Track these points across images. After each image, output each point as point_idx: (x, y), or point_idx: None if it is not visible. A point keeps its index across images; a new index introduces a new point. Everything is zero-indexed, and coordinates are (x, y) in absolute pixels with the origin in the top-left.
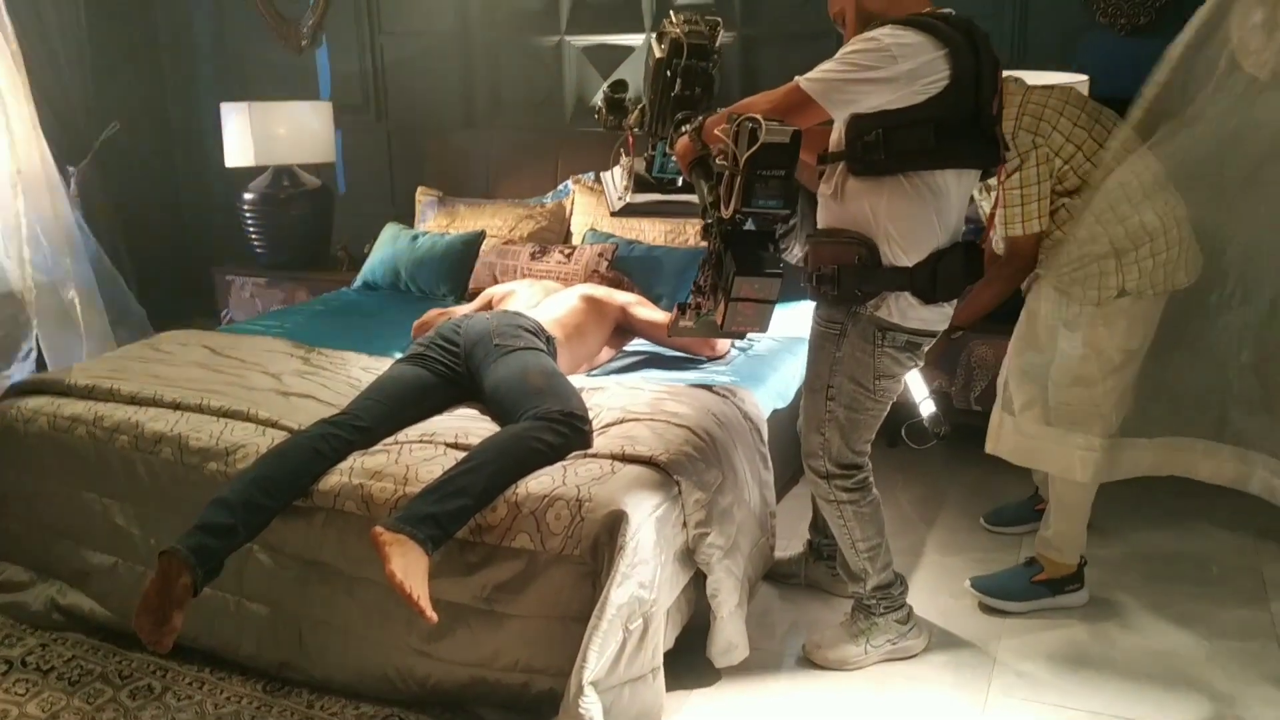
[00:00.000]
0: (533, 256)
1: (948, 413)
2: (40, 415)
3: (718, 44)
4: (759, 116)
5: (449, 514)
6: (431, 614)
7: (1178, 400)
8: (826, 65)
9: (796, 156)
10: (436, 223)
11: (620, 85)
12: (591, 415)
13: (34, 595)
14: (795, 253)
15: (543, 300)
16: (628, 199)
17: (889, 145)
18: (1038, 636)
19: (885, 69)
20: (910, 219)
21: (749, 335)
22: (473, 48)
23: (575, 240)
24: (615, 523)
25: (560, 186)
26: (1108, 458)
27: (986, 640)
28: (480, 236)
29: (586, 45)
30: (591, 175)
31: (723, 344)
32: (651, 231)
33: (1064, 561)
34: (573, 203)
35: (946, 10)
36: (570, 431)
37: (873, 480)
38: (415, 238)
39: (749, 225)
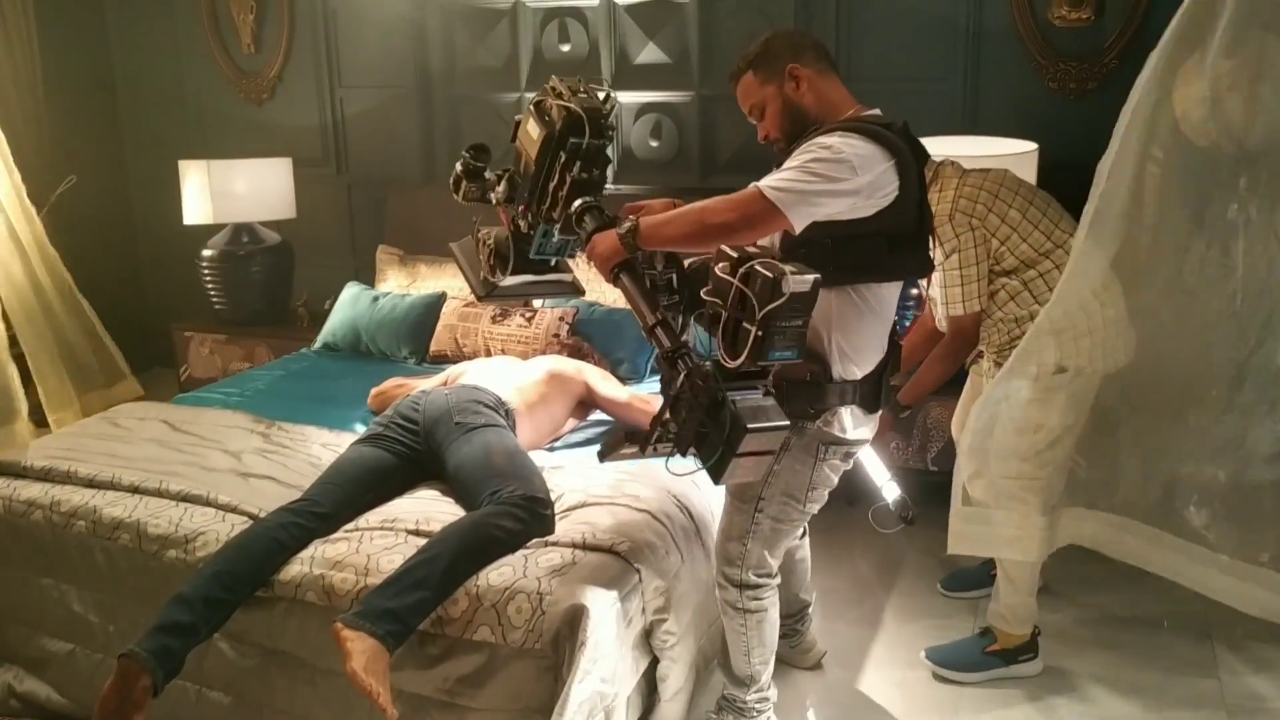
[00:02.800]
0: (493, 320)
1: (913, 493)
2: None
3: (612, 118)
4: (776, 262)
5: (408, 608)
6: (393, 710)
7: (1124, 479)
8: (788, 174)
9: (815, 302)
10: (397, 282)
11: (482, 151)
12: (553, 496)
13: None
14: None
15: (503, 371)
16: (499, 280)
17: (838, 257)
18: (992, 708)
19: (848, 180)
20: (860, 333)
21: None
22: (433, 103)
23: (536, 302)
24: (576, 617)
25: None
26: (1049, 532)
27: (943, 712)
28: (441, 299)
29: None
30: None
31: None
32: (612, 293)
33: (1015, 633)
34: None
35: (875, 111)
36: (530, 517)
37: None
38: (376, 299)
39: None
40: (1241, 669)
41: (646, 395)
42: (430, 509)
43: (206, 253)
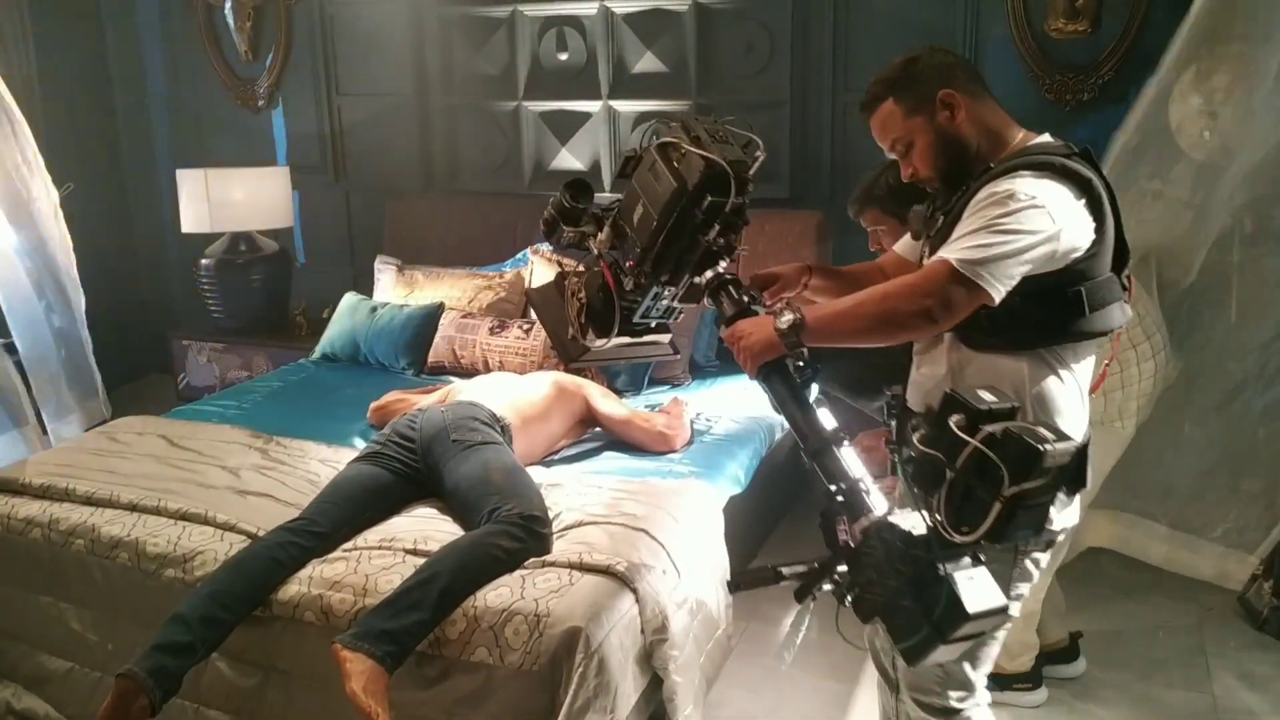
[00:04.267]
0: (491, 332)
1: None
2: None
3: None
4: (1031, 425)
5: (405, 630)
6: (369, 710)
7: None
8: (977, 239)
9: (1071, 471)
10: (395, 292)
11: (583, 191)
12: (551, 514)
13: None
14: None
15: (500, 386)
16: (591, 344)
17: (1030, 316)
18: None
19: (1045, 230)
20: (1059, 399)
21: (706, 417)
22: (430, 111)
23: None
24: (574, 638)
25: (519, 254)
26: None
27: None
28: (439, 309)
29: (544, 111)
30: (544, 242)
31: (678, 439)
32: None
33: (1010, 668)
34: (531, 273)
35: (1045, 137)
36: (528, 536)
37: None
38: (374, 309)
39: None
40: (1234, 683)
41: (646, 413)
42: (428, 528)
43: (204, 261)
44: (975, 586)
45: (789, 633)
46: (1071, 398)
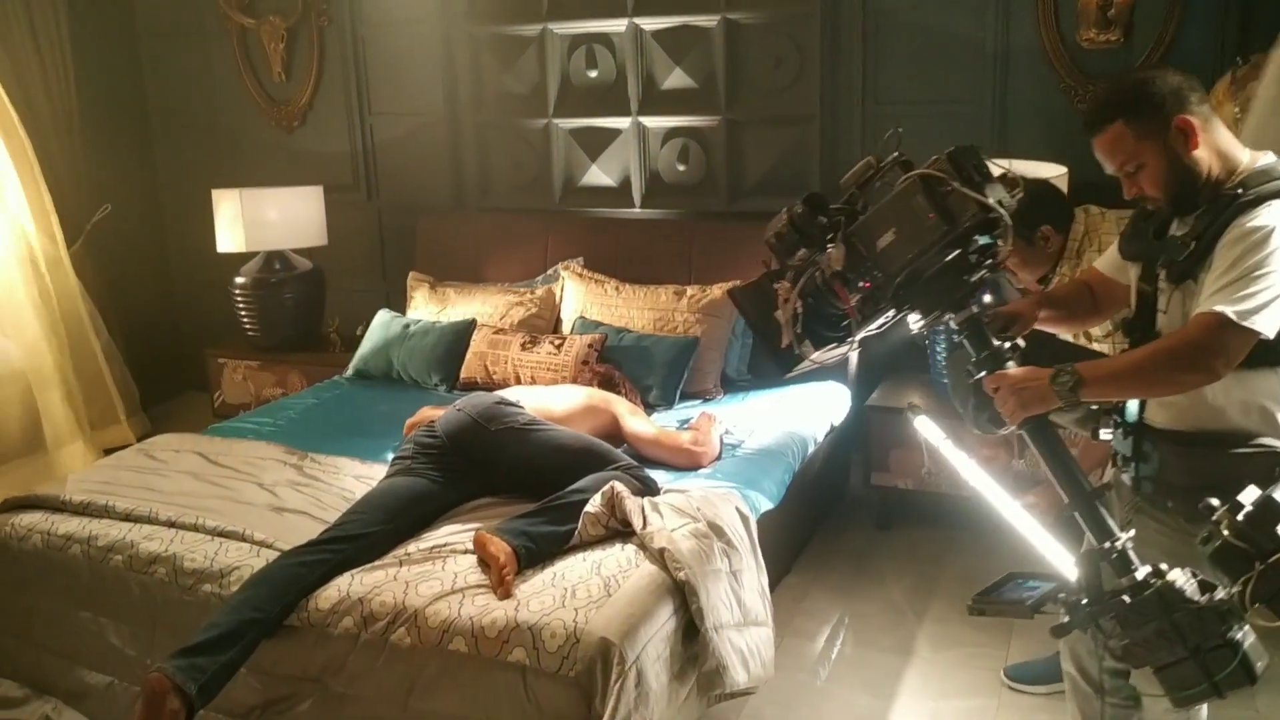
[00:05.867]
0: (523, 347)
1: (944, 519)
2: (34, 533)
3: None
4: None
5: (543, 536)
6: (509, 590)
7: None
8: (1244, 286)
9: None
10: (428, 309)
11: (821, 207)
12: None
13: (29, 712)
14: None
15: (531, 395)
16: (807, 353)
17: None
18: None
19: None
20: None
21: (734, 432)
22: (461, 129)
23: (565, 327)
24: (608, 652)
25: (550, 270)
26: None
27: None
28: (471, 325)
29: (574, 127)
30: (581, 260)
31: (706, 455)
32: (640, 320)
33: None
34: (562, 288)
35: (1269, 158)
36: (646, 485)
37: None
38: (407, 326)
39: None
40: None
41: (673, 431)
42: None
43: (239, 280)
44: (1255, 650)
45: (824, 647)
46: None
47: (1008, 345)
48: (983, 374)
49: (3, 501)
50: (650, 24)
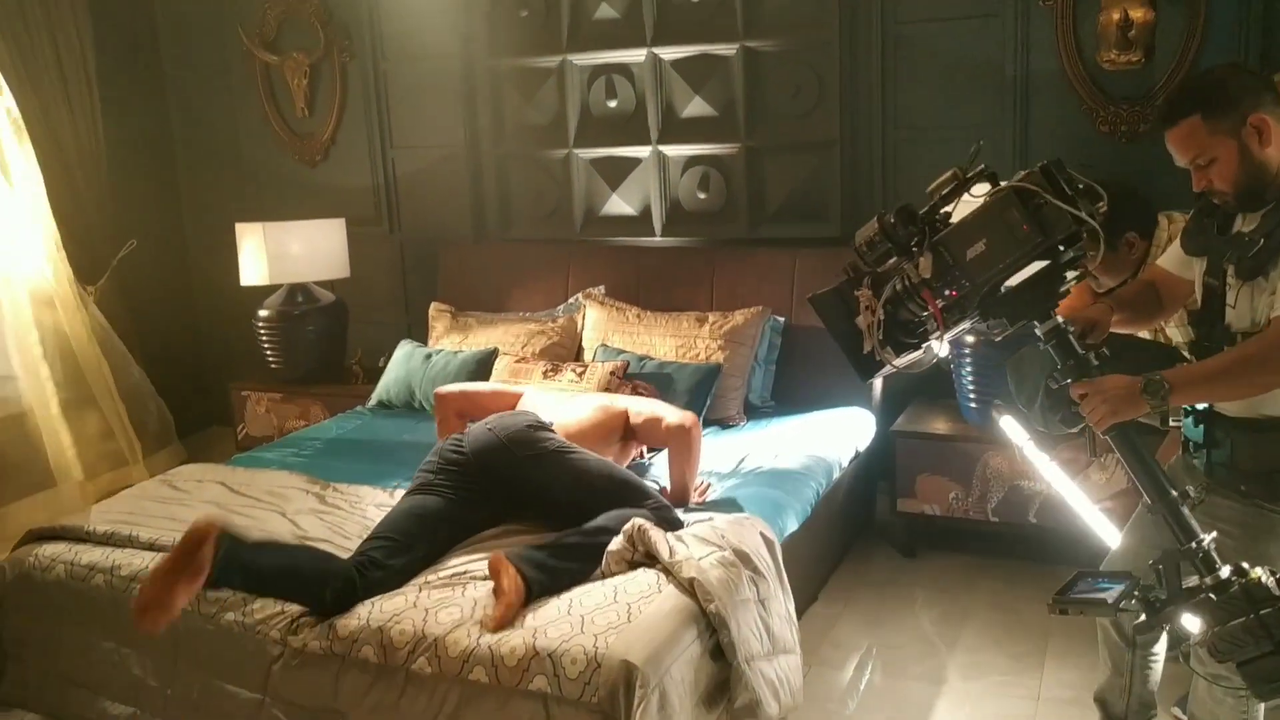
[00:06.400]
0: (545, 375)
1: (972, 547)
2: (58, 563)
3: None
4: None
5: (559, 570)
6: (502, 625)
7: None
8: None
9: None
10: (449, 339)
11: (912, 219)
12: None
13: None
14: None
15: (551, 405)
16: (890, 359)
17: None
18: None
19: None
20: None
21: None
22: (482, 161)
23: (587, 355)
24: (630, 676)
25: (571, 300)
26: None
27: None
28: (493, 354)
29: (594, 157)
30: (602, 289)
31: (695, 430)
32: (662, 347)
33: None
34: (584, 317)
35: None
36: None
37: None
38: (429, 356)
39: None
40: None
41: (670, 408)
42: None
43: (263, 313)
44: None
45: (853, 677)
46: None
47: (1093, 355)
48: (1068, 381)
49: (27, 533)
50: (669, 53)
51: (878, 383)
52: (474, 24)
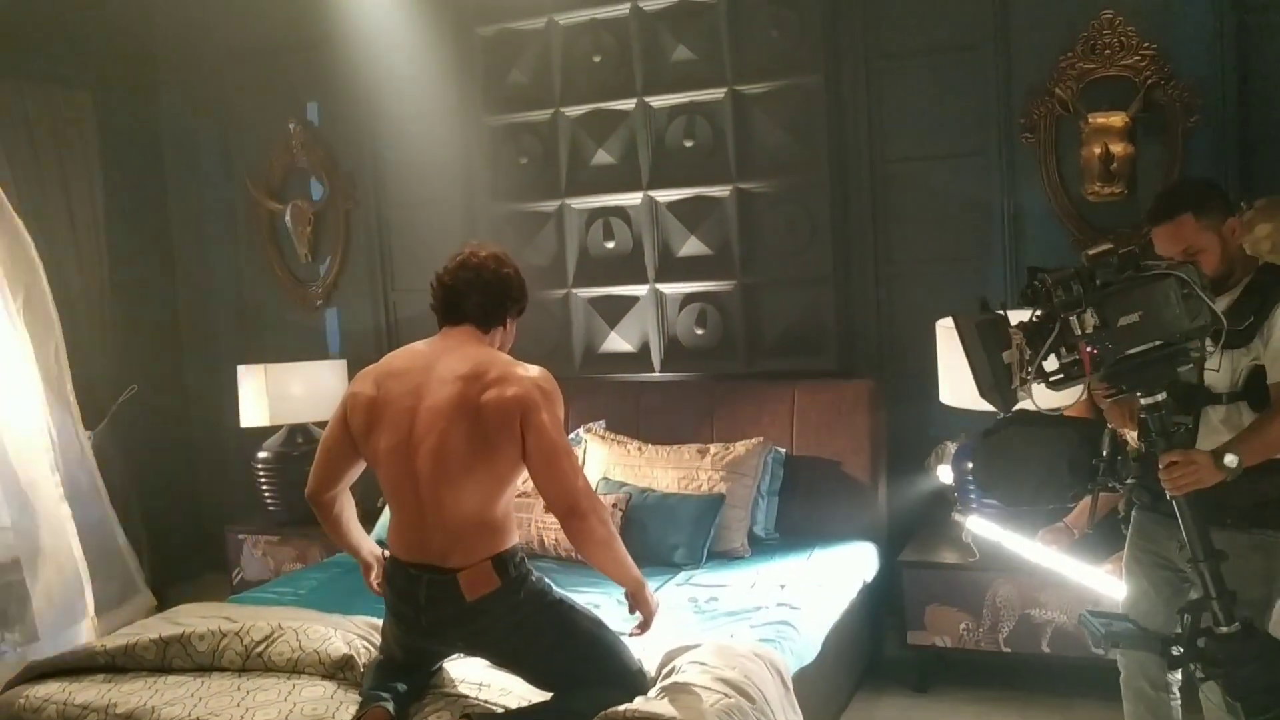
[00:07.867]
0: (547, 510)
1: (984, 678)
2: (50, 704)
3: None
4: None
5: None
6: None
7: None
8: None
9: None
10: None
11: (1089, 275)
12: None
13: None
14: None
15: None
16: (1028, 398)
17: None
18: None
19: None
20: None
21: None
22: None
23: None
24: None
25: (572, 435)
26: None
27: None
28: None
29: (593, 296)
30: (603, 423)
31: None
32: (665, 479)
33: None
34: (585, 451)
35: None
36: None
37: None
38: None
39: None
40: None
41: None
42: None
43: (261, 454)
44: None
45: None
46: None
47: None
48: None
49: (27, 667)
50: (665, 196)
51: (884, 512)
52: (475, 171)
